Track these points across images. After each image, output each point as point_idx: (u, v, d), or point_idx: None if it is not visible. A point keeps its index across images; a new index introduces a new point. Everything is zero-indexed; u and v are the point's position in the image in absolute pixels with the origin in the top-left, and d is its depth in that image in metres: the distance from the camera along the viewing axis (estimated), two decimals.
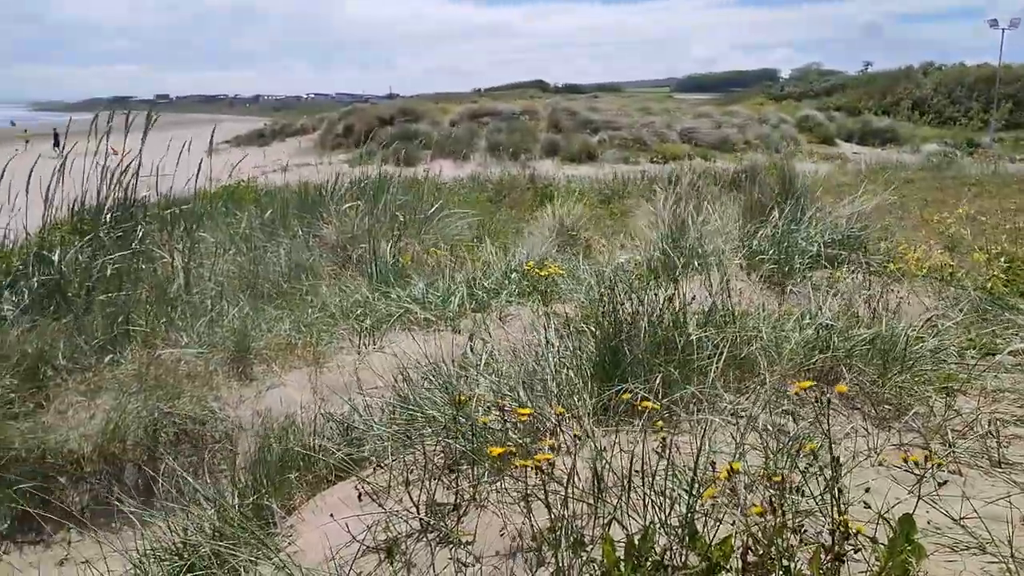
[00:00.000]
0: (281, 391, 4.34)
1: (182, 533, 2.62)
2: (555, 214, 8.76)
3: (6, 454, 3.94)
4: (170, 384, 4.28)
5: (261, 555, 2.39)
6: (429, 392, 3.26)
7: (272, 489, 2.87)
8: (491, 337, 4.34)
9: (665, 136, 30.46)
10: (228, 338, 4.71)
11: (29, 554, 3.78)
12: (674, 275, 4.52)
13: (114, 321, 4.97)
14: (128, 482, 3.95)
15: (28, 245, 5.77)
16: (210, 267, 6.11)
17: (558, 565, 1.96)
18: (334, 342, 4.88)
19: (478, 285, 5.48)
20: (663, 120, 33.24)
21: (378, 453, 2.88)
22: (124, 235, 6.15)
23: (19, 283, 5.30)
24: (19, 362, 4.45)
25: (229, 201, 9.58)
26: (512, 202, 12.21)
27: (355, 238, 6.99)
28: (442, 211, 8.73)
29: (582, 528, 2.09)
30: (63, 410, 4.28)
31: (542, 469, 2.05)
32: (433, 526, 2.29)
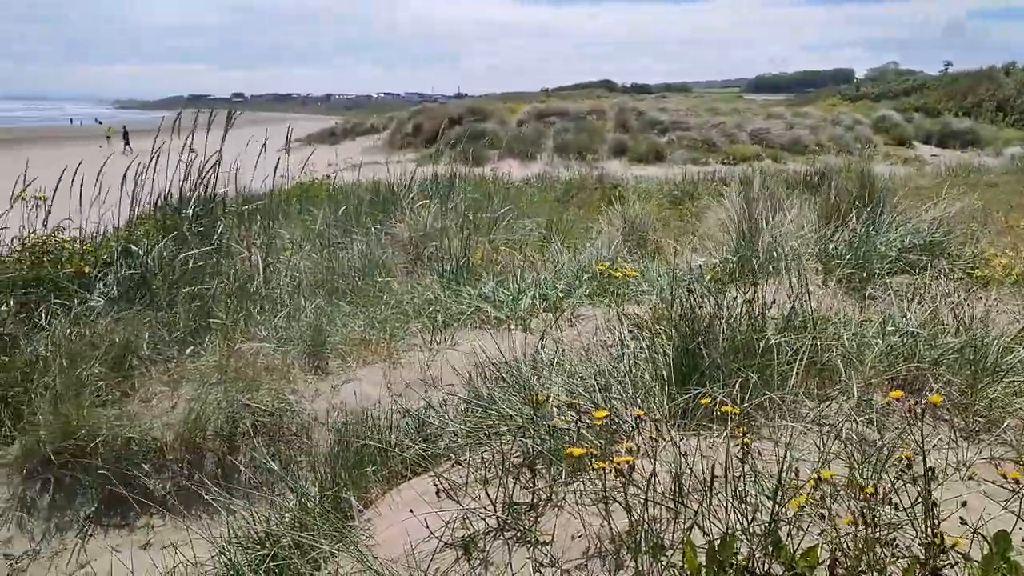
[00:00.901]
0: (356, 386, 4.41)
1: (264, 523, 2.68)
2: (624, 215, 8.70)
3: (94, 440, 4.10)
4: (249, 376, 4.39)
5: (340, 547, 2.43)
6: (503, 391, 3.28)
7: (350, 482, 2.92)
8: (562, 337, 4.34)
9: (735, 137, 30.01)
10: (305, 332, 4.81)
11: (114, 537, 3.92)
12: (752, 278, 4.45)
13: (196, 314, 5.12)
14: (208, 471, 4.06)
15: (116, 239, 5.96)
16: (286, 263, 6.24)
17: (637, 569, 1.96)
18: (407, 338, 4.94)
19: (548, 285, 5.48)
20: (733, 121, 32.76)
21: (454, 449, 2.90)
22: (205, 230, 6.32)
23: (107, 276, 5.50)
24: (107, 351, 4.62)
25: (303, 198, 9.77)
26: (580, 202, 12.17)
27: (426, 236, 7.06)
28: (511, 211, 8.75)
29: (661, 532, 2.08)
30: (147, 399, 4.44)
31: (622, 471, 2.05)
32: (510, 525, 2.30)
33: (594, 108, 35.50)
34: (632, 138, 28.01)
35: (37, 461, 4.13)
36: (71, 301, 5.27)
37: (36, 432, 4.17)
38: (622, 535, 2.08)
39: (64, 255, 5.75)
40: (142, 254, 5.57)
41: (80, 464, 4.07)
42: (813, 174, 12.59)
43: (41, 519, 4.00)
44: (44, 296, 5.37)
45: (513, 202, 9.61)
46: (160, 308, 5.23)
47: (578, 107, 35.88)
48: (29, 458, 4.16)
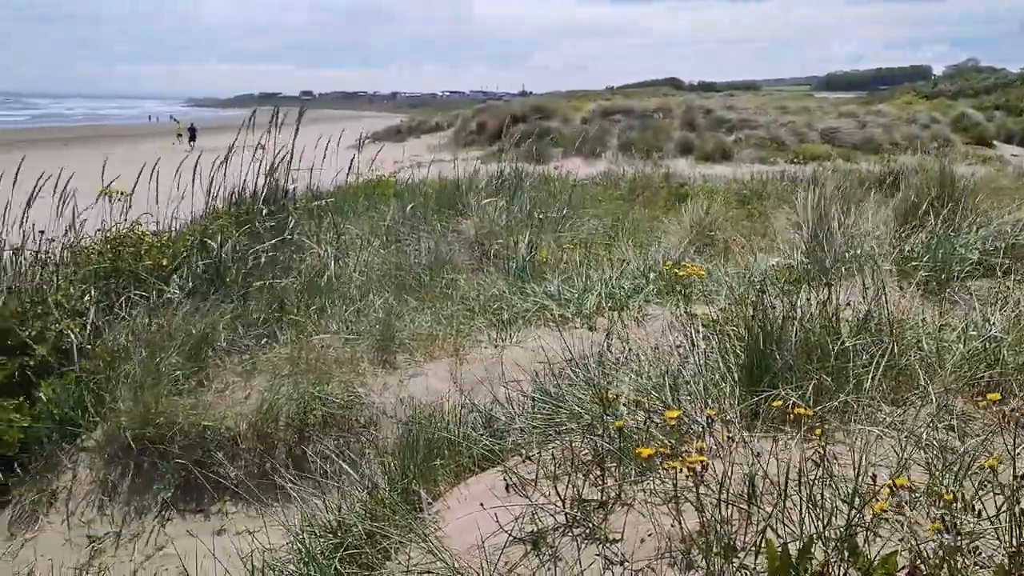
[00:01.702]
0: (423, 380, 4.46)
1: (336, 512, 2.74)
2: (691, 214, 8.62)
3: (171, 427, 4.24)
4: (320, 369, 4.48)
5: (410, 538, 2.47)
6: (570, 388, 3.28)
7: (419, 475, 2.95)
8: (629, 336, 4.32)
9: (804, 136, 29.36)
10: (374, 327, 4.89)
11: (189, 522, 4.05)
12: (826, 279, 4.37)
13: (269, 307, 5.24)
14: (279, 460, 4.16)
15: (193, 233, 6.14)
16: (356, 258, 6.34)
17: (708, 570, 1.94)
18: (472, 335, 4.97)
19: (615, 283, 5.46)
20: (803, 119, 32.04)
21: (521, 446, 2.92)
22: (277, 225, 6.47)
23: (183, 269, 5.67)
24: (184, 342, 4.76)
25: (371, 195, 9.90)
26: (646, 201, 12.05)
27: (492, 233, 7.10)
28: (576, 208, 8.74)
29: (733, 534, 2.06)
30: (222, 389, 4.56)
31: (694, 471, 2.03)
32: (579, 521, 2.30)
33: (660, 106, 35.12)
34: (698, 136, 27.62)
35: (118, 446, 4.28)
36: (150, 293, 5.45)
37: (117, 418, 4.33)
38: (693, 535, 2.06)
39: (143, 248, 5.94)
40: (217, 248, 5.73)
41: (158, 450, 4.21)
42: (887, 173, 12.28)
43: (121, 502, 4.15)
44: (124, 287, 5.56)
45: (578, 200, 9.58)
46: (234, 301, 5.37)
47: (644, 105, 35.55)
48: (111, 443, 4.32)
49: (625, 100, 39.52)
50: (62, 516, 4.12)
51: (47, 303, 5.12)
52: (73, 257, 5.87)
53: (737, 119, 31.43)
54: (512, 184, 9.21)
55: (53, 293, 5.23)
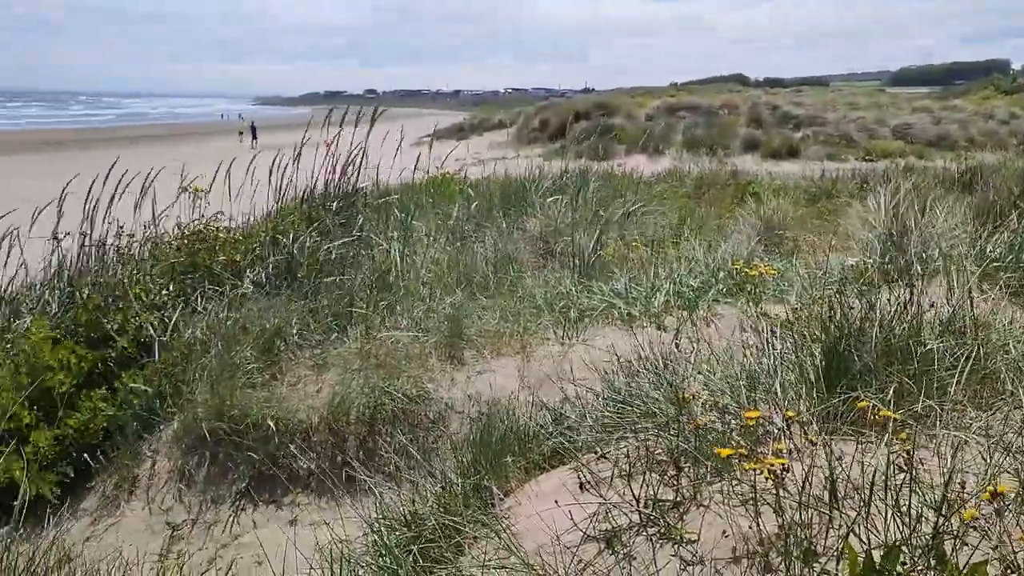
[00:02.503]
0: (490, 377, 4.48)
1: (410, 505, 2.77)
2: (759, 211, 8.48)
3: (245, 419, 4.34)
4: (389, 364, 4.53)
5: (483, 533, 2.49)
6: (641, 386, 3.26)
7: (490, 471, 2.97)
8: (698, 336, 4.27)
9: (875, 132, 28.62)
10: (441, 323, 4.93)
11: (263, 512, 4.14)
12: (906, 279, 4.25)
13: (339, 302, 5.33)
14: (350, 453, 4.23)
15: (265, 230, 6.28)
16: (422, 255, 6.40)
17: (788, 573, 1.91)
18: (539, 332, 4.98)
19: (682, 282, 5.40)
20: (873, 115, 31.28)
21: (593, 443, 2.91)
22: (346, 222, 6.58)
23: (256, 264, 5.80)
24: (258, 336, 4.88)
25: (435, 192, 9.98)
26: (712, 198, 11.90)
27: (557, 231, 7.09)
28: (641, 206, 8.68)
29: (814, 538, 2.02)
30: (294, 383, 4.66)
31: (775, 473, 2.00)
32: (654, 521, 2.29)
33: (726, 103, 34.67)
34: (765, 133, 27.16)
35: (195, 437, 4.40)
36: (224, 288, 5.59)
37: (194, 409, 4.46)
38: (771, 538, 2.03)
39: (218, 244, 6.10)
40: (289, 244, 5.85)
41: (233, 442, 4.31)
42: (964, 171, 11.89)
43: (198, 491, 4.27)
44: (200, 282, 5.72)
45: (643, 197, 9.50)
46: (305, 296, 5.47)
47: (709, 101, 35.13)
48: (188, 433, 4.45)
49: (690, 96, 39.10)
50: (143, 503, 4.26)
51: (128, 297, 5.29)
52: (152, 252, 6.06)
53: (805, 115, 30.85)
54: (576, 181, 9.18)
55: (134, 287, 5.40)
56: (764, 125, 29.18)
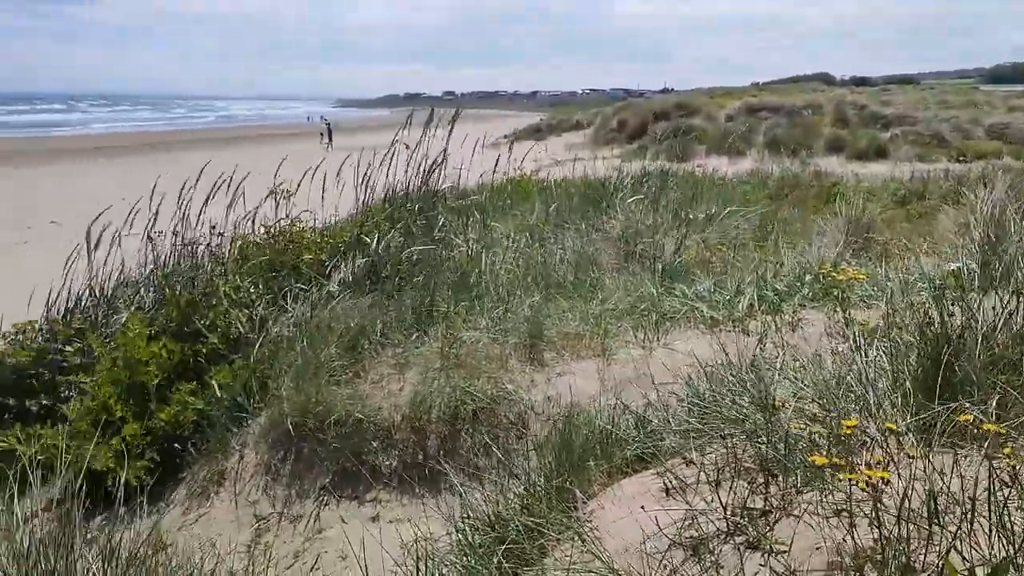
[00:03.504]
0: (570, 379, 4.47)
1: (494, 505, 2.78)
2: (846, 214, 8.25)
3: (329, 416, 4.43)
4: (469, 364, 4.56)
5: (566, 536, 2.48)
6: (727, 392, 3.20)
7: (573, 474, 2.96)
8: (784, 341, 4.18)
9: (969, 132, 27.47)
10: (521, 325, 4.94)
11: (345, 508, 4.21)
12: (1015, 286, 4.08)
13: (420, 302, 5.39)
14: (430, 452, 4.27)
15: (350, 230, 6.40)
16: (502, 256, 6.43)
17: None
18: (620, 335, 4.94)
19: (767, 286, 5.29)
20: (967, 115, 30.03)
21: (676, 449, 2.87)
22: (427, 223, 6.65)
23: (341, 264, 5.92)
24: (342, 335, 4.97)
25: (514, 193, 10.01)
26: (795, 200, 11.64)
27: (638, 233, 7.03)
28: (723, 208, 8.54)
29: (912, 553, 1.95)
30: (377, 380, 4.73)
31: (872, 485, 1.94)
32: (742, 529, 2.24)
33: (810, 102, 33.84)
34: (851, 133, 26.34)
35: (280, 432, 4.51)
36: (310, 286, 5.72)
37: (280, 405, 4.57)
38: (867, 551, 1.97)
39: (304, 244, 6.25)
40: (374, 245, 5.95)
41: (317, 437, 4.41)
42: None
43: (283, 485, 4.37)
44: (287, 281, 5.87)
45: (725, 199, 9.35)
46: (388, 296, 5.56)
47: (792, 101, 34.34)
48: (274, 428, 4.56)
49: (772, 96, 38.30)
50: (230, 495, 4.39)
51: (219, 294, 5.46)
52: (241, 251, 6.24)
53: (893, 115, 29.84)
54: (657, 182, 9.09)
55: (224, 285, 5.57)
56: (850, 125, 28.33)
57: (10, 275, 12.03)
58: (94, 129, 65.44)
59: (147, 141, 48.02)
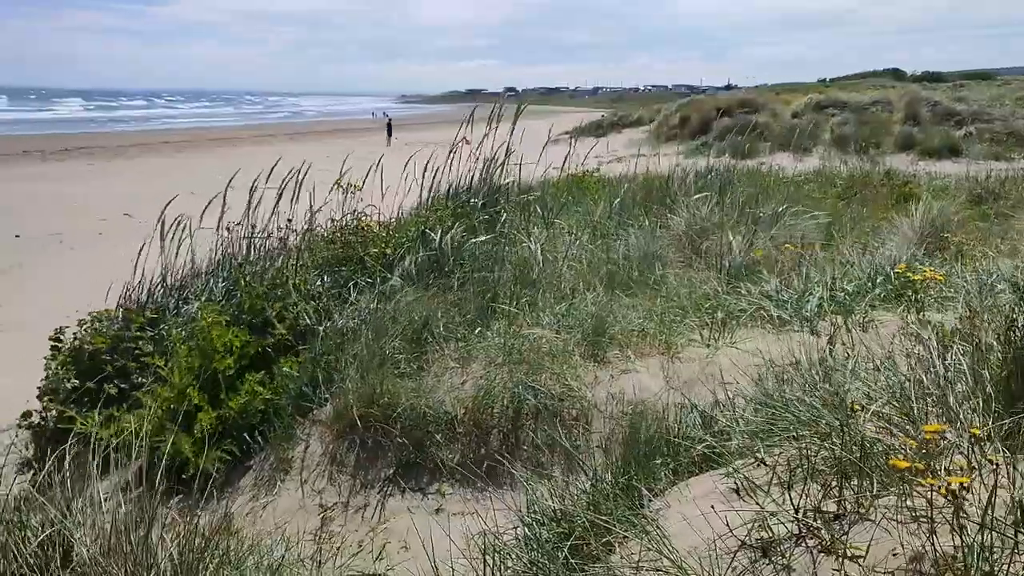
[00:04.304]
0: (634, 377, 4.44)
1: (559, 501, 2.77)
2: (918, 214, 8.02)
3: (394, 408, 4.47)
4: (532, 360, 4.56)
5: (633, 533, 2.46)
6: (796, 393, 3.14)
7: (639, 471, 2.94)
8: (854, 342, 4.08)
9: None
10: (584, 321, 4.92)
11: (408, 499, 4.25)
12: None
13: (483, 298, 5.41)
14: (493, 446, 4.29)
15: (415, 224, 6.45)
16: (564, 252, 6.41)
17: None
18: (684, 333, 4.89)
19: (837, 286, 5.18)
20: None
21: (744, 449, 2.83)
22: (490, 219, 6.67)
23: (405, 258, 5.97)
24: (406, 328, 5.02)
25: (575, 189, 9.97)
26: (864, 199, 11.34)
27: (703, 230, 6.95)
28: (790, 206, 8.38)
29: (995, 563, 1.89)
30: (440, 374, 4.76)
31: (955, 492, 1.88)
32: (814, 532, 2.20)
33: (879, 99, 33.00)
34: (922, 131, 25.62)
35: (346, 423, 4.57)
36: (375, 279, 5.79)
37: (345, 396, 4.63)
38: (948, 559, 1.91)
39: (369, 238, 6.32)
40: (438, 239, 5.99)
41: (382, 429, 4.46)
42: None
43: (348, 475, 4.44)
44: (352, 274, 5.95)
45: (791, 197, 9.17)
46: (451, 290, 5.59)
47: (860, 98, 33.55)
48: (339, 419, 4.62)
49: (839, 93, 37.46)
50: (296, 484, 4.47)
51: (287, 286, 5.56)
52: (309, 244, 6.35)
53: (968, 111, 28.89)
54: (722, 180, 8.97)
55: (293, 277, 5.67)
56: (922, 122, 27.54)
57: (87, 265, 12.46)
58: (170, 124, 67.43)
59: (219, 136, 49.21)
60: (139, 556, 2.27)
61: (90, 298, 6.32)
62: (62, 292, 10.65)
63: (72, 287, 10.51)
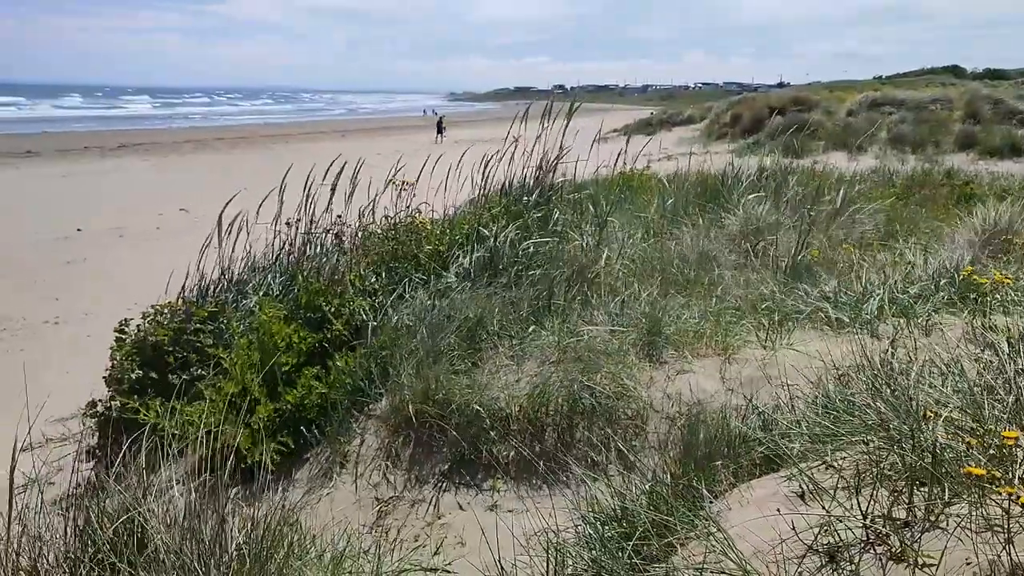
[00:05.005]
0: (690, 377, 4.41)
1: (620, 499, 2.77)
2: (980, 214, 7.82)
3: (448, 405, 4.50)
4: (587, 359, 4.56)
5: (695, 535, 2.45)
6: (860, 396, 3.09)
7: (699, 472, 2.92)
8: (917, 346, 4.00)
9: None
10: (640, 320, 4.90)
11: (463, 495, 4.27)
12: None
13: (537, 295, 5.42)
14: (548, 444, 4.29)
15: (469, 222, 6.49)
16: (618, 251, 6.39)
17: None
18: (741, 334, 4.84)
19: (898, 288, 5.08)
20: None
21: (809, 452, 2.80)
22: (544, 216, 6.67)
23: (460, 255, 6.01)
24: (461, 325, 5.05)
25: (626, 187, 9.92)
26: (923, 199, 11.10)
27: (758, 230, 6.87)
28: (846, 206, 8.23)
29: None
30: (494, 371, 4.77)
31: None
32: (883, 539, 2.17)
33: (938, 96, 32.22)
34: (984, 129, 24.95)
35: (401, 418, 4.62)
36: (429, 277, 5.83)
37: (401, 392, 4.67)
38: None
39: (423, 235, 6.37)
40: (492, 237, 6.01)
41: (436, 425, 4.49)
42: None
43: (403, 470, 4.48)
44: (407, 271, 6.00)
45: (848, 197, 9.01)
46: (507, 287, 5.61)
47: (918, 95, 32.78)
48: (394, 414, 4.67)
49: (896, 90, 36.64)
50: (352, 477, 4.52)
51: (344, 282, 5.63)
52: (364, 241, 6.42)
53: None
54: (777, 179, 8.85)
55: (349, 273, 5.74)
56: (982, 120, 26.82)
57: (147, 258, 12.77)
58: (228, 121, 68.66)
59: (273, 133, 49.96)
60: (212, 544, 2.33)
61: (151, 291, 6.47)
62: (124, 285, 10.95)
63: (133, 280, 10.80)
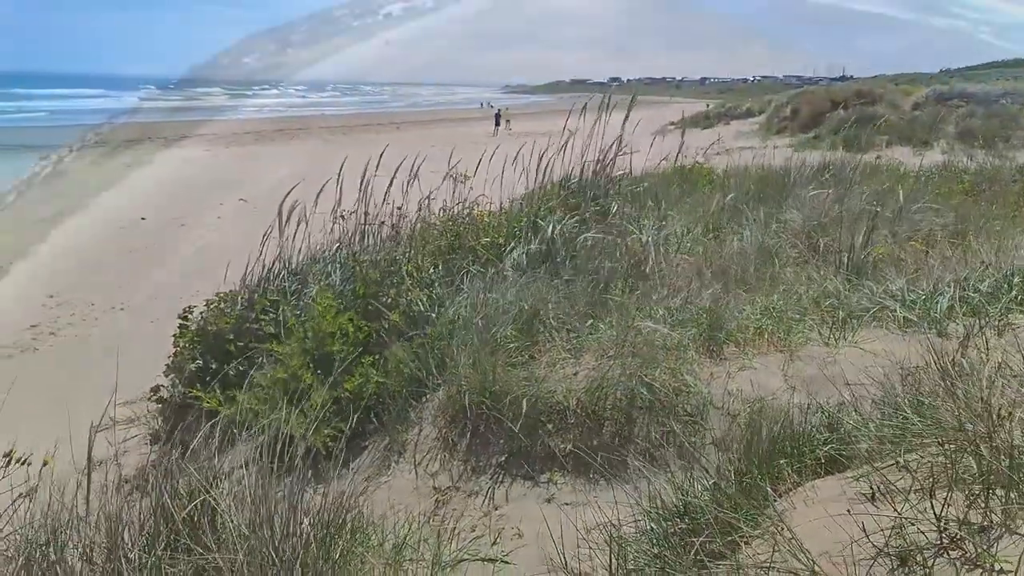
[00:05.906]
0: (751, 374, 4.34)
1: (682, 495, 2.74)
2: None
3: (505, 396, 4.50)
4: (645, 353, 4.52)
5: (759, 533, 2.41)
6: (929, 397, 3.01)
7: (763, 471, 2.87)
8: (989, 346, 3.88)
9: None
10: (700, 316, 4.84)
11: (520, 487, 4.27)
12: None
13: (595, 289, 5.39)
14: (606, 439, 4.27)
15: (526, 214, 6.48)
16: (677, 245, 6.32)
17: None
18: (804, 331, 4.75)
19: (968, 286, 4.93)
20: None
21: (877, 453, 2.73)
22: (601, 210, 6.64)
23: (517, 247, 6.01)
24: (517, 317, 5.05)
25: (685, 181, 9.81)
26: (994, 195, 10.74)
27: (821, 226, 6.73)
28: (913, 201, 8.02)
29: None
30: (551, 364, 4.76)
31: None
32: (957, 543, 2.10)
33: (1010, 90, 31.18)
34: None
35: (458, 408, 4.63)
36: (486, 268, 5.84)
37: (457, 382, 4.69)
38: None
39: (480, 226, 6.39)
40: (549, 229, 6.00)
41: (493, 416, 4.49)
42: None
43: (460, 460, 4.49)
44: (463, 262, 6.02)
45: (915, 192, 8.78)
46: (564, 280, 5.59)
47: (989, 89, 31.77)
48: (451, 404, 4.69)
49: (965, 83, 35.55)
50: (410, 466, 4.56)
51: (401, 273, 5.67)
52: (421, 232, 6.46)
53: None
54: (841, 174, 8.66)
55: (406, 264, 5.78)
56: None
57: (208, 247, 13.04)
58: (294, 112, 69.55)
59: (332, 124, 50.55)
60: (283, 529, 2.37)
61: (212, 279, 6.60)
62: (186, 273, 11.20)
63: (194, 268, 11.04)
